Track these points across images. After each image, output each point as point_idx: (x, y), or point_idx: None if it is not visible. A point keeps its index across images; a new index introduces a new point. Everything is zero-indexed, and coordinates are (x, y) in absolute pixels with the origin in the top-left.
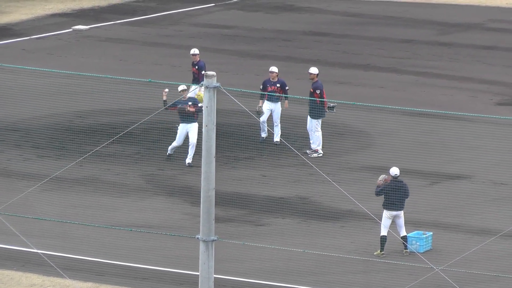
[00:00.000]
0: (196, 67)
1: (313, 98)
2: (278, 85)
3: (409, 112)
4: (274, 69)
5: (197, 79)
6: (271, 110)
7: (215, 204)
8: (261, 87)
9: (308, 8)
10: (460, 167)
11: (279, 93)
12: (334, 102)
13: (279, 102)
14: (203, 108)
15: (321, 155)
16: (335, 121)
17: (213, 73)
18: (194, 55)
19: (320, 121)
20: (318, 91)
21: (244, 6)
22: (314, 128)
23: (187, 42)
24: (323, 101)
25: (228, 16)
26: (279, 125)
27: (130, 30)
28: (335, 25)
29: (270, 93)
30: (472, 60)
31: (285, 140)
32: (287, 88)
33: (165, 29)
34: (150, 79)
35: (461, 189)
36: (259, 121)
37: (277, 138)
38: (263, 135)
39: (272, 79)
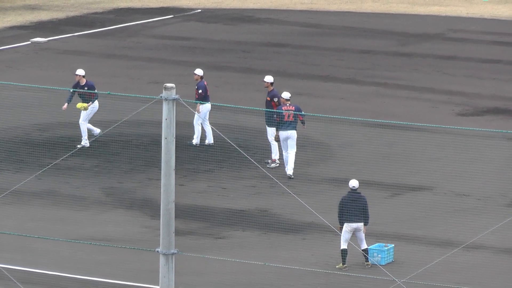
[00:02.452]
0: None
1: (269, 110)
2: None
3: (369, 123)
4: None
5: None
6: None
7: (175, 217)
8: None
9: (266, 19)
10: (421, 179)
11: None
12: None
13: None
14: (162, 120)
15: (277, 165)
16: (307, 139)
17: (172, 85)
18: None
19: (275, 130)
20: (275, 99)
21: (203, 18)
22: (270, 137)
23: (145, 54)
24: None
25: (186, 27)
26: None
27: (88, 42)
28: (293, 36)
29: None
30: (432, 71)
31: (245, 152)
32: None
33: (124, 41)
34: (109, 92)
35: (423, 201)
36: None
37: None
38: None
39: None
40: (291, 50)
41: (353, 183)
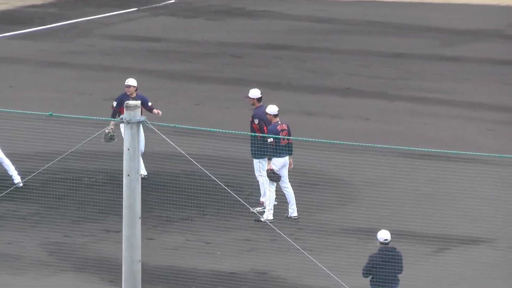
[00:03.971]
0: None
1: (253, 133)
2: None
3: (403, 152)
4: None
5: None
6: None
7: (142, 282)
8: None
9: (263, 12)
10: (477, 227)
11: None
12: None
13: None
14: (124, 150)
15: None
16: (303, 167)
17: (137, 102)
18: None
19: (264, 162)
20: (256, 121)
21: (177, 11)
22: (257, 172)
23: (100, 61)
24: (265, 135)
25: (155, 24)
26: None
27: (23, 46)
28: (300, 34)
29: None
30: (488, 80)
31: (236, 193)
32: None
33: (70, 43)
34: (50, 113)
35: (480, 258)
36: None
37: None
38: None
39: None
40: (296, 54)
41: (384, 234)
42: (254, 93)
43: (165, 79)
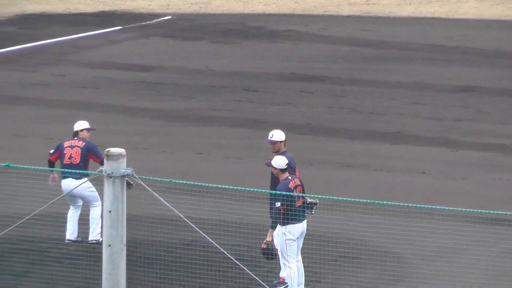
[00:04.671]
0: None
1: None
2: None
3: (472, 216)
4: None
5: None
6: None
7: None
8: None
9: (288, 33)
10: None
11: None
12: (314, 198)
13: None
14: (104, 214)
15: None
16: (338, 235)
17: (121, 150)
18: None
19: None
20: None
21: (174, 31)
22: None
23: (72, 96)
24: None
25: (146, 48)
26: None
27: None
28: (335, 62)
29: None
30: None
31: (250, 269)
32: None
33: (35, 72)
34: (8, 163)
35: None
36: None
37: None
38: None
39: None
40: (331, 87)
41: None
42: (279, 135)
43: (159, 120)
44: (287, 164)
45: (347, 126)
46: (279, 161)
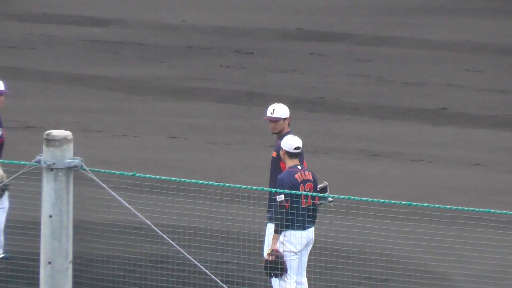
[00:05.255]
0: None
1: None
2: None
3: None
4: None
5: None
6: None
7: None
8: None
9: None
10: None
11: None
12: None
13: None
14: (41, 216)
15: None
16: (363, 248)
17: (66, 133)
18: None
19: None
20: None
21: None
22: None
23: (2, 61)
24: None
25: None
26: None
27: None
28: (358, 13)
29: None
30: None
31: None
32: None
33: None
34: None
35: None
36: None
37: None
38: None
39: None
40: (352, 48)
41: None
42: (282, 110)
43: (118, 92)
44: (298, 147)
45: (374, 101)
46: (289, 141)
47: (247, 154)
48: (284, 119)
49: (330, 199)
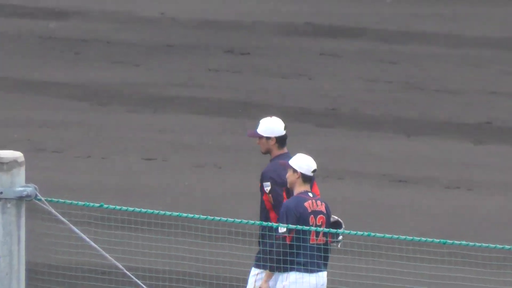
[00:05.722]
0: None
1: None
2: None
3: None
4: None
5: None
6: None
7: None
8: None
9: None
10: None
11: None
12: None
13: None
14: None
15: None
16: None
17: (16, 155)
18: None
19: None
20: (267, 185)
21: None
22: None
23: None
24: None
25: None
26: None
27: None
28: (381, 3)
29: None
30: None
31: None
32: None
33: None
34: None
35: None
36: None
37: None
38: None
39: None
40: (372, 46)
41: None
42: (268, 124)
43: (80, 101)
44: (315, 170)
45: (399, 113)
46: (307, 162)
47: (241, 179)
48: (268, 138)
49: (340, 237)
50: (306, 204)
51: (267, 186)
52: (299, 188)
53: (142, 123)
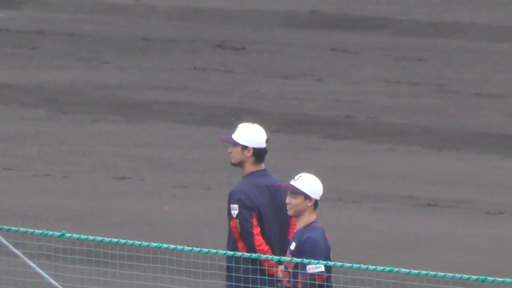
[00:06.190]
0: None
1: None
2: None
3: None
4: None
5: None
6: None
7: None
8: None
9: None
10: None
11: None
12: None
13: None
14: None
15: None
16: None
17: None
18: None
19: None
20: (234, 208)
21: None
22: None
23: None
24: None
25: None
26: None
27: None
28: None
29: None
30: None
31: None
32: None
33: None
34: None
35: None
36: None
37: None
38: None
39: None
40: (396, 40)
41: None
42: (249, 132)
43: (38, 108)
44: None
45: (428, 121)
46: (317, 186)
47: None
48: (244, 148)
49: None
50: (326, 235)
51: (234, 210)
52: (310, 217)
53: (114, 134)
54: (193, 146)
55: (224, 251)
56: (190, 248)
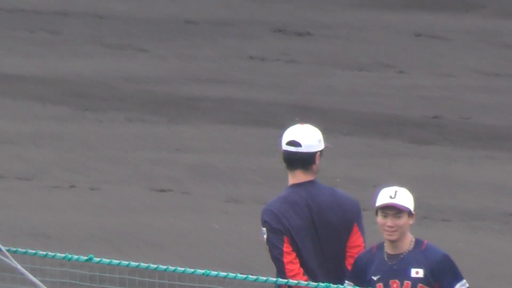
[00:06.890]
0: None
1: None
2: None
3: None
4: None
5: None
6: None
7: None
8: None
9: None
10: None
11: None
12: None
13: None
14: None
15: None
16: None
17: None
18: None
19: None
20: (264, 236)
21: None
22: None
23: None
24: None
25: None
26: None
27: None
28: None
29: None
30: None
31: None
32: None
33: None
34: None
35: None
36: None
37: None
38: None
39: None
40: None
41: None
42: (309, 135)
43: (58, 105)
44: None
45: (461, 123)
46: (412, 198)
47: None
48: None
49: None
50: None
51: (263, 234)
52: (410, 236)
53: (150, 137)
54: (248, 152)
55: (286, 280)
56: (245, 276)
